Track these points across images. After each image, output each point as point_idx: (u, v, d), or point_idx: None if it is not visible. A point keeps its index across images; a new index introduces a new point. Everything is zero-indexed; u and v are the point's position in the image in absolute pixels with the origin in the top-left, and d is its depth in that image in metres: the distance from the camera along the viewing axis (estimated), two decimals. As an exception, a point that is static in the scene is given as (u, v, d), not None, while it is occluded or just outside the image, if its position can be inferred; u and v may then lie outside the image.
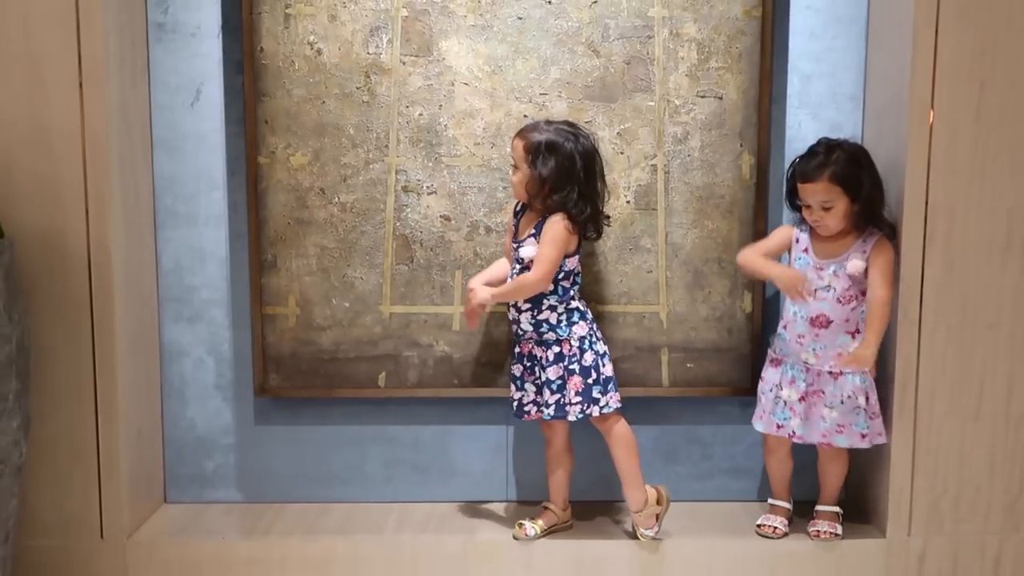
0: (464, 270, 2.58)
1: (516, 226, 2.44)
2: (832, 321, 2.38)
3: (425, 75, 2.53)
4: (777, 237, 2.50)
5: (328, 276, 2.58)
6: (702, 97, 2.55)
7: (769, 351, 2.51)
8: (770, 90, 2.55)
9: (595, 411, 2.37)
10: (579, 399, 2.36)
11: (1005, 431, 2.44)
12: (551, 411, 2.38)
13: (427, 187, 2.56)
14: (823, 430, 2.41)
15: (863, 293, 2.39)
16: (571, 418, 2.38)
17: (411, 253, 2.58)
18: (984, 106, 2.34)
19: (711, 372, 2.63)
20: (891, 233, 2.38)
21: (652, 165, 2.56)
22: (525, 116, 2.53)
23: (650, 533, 2.44)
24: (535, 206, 2.36)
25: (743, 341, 2.61)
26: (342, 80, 2.53)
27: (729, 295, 2.60)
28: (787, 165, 2.59)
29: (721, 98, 2.55)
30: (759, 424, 2.49)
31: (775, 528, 2.49)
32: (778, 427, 2.45)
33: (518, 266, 2.40)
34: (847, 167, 2.32)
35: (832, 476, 2.51)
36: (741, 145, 2.56)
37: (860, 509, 2.62)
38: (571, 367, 2.37)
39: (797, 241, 2.46)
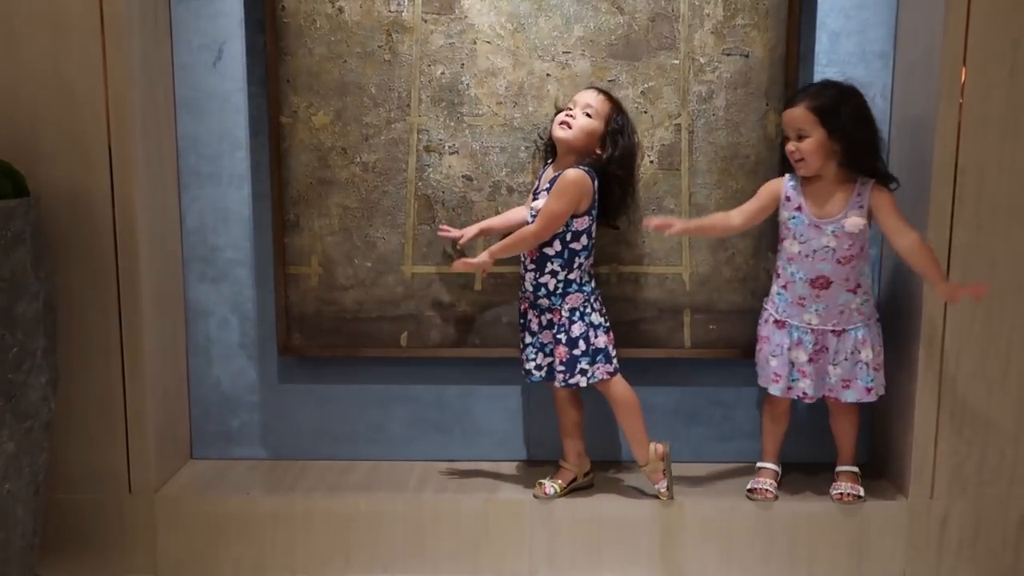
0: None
1: (540, 177, 2.44)
2: (832, 282, 2.36)
3: (447, 33, 2.51)
4: (764, 193, 2.43)
5: (350, 236, 2.59)
6: (728, 55, 2.51)
7: (770, 312, 2.46)
8: (797, 48, 2.50)
9: (582, 381, 2.39)
10: (563, 367, 2.38)
11: (1032, 395, 2.42)
12: (542, 374, 2.42)
13: (449, 147, 2.55)
14: (828, 386, 2.41)
15: (861, 249, 2.35)
16: (557, 384, 2.40)
17: (433, 213, 2.58)
18: (1018, 63, 2.29)
19: (733, 334, 2.61)
20: (888, 181, 2.33)
21: (676, 124, 2.53)
22: (548, 75, 2.50)
23: (661, 487, 2.44)
24: (564, 158, 2.36)
25: (766, 303, 2.59)
26: (364, 38, 2.51)
27: (752, 256, 2.57)
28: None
29: (747, 56, 2.51)
30: (775, 388, 2.45)
31: (766, 491, 2.48)
32: (789, 389, 2.44)
33: (531, 218, 2.39)
34: (828, 100, 2.29)
35: (846, 435, 2.51)
36: (767, 104, 2.52)
37: (883, 471, 2.62)
38: (559, 336, 2.38)
39: (788, 199, 2.39)
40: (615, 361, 2.43)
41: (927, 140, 2.34)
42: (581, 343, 2.37)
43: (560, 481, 2.51)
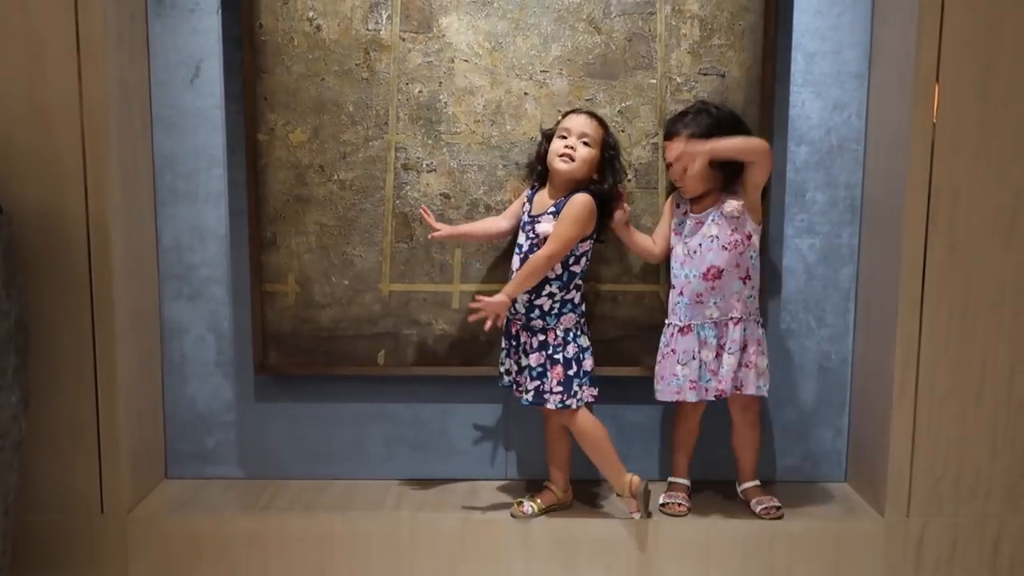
0: (464, 248, 2.57)
1: (531, 200, 2.43)
2: (723, 270, 2.39)
3: (425, 52, 2.51)
4: (666, 210, 2.53)
5: (327, 254, 2.58)
6: (704, 75, 2.53)
7: (673, 324, 2.45)
8: (773, 68, 2.52)
9: (572, 403, 2.39)
10: (560, 389, 2.38)
11: (1007, 413, 2.42)
12: (530, 397, 2.40)
13: (427, 165, 2.55)
14: (721, 377, 2.41)
15: (748, 237, 2.39)
16: (550, 406, 2.39)
17: (410, 231, 2.57)
18: (990, 84, 2.31)
19: (711, 352, 2.61)
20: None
21: (653, 143, 2.54)
22: (525, 94, 2.51)
23: (636, 516, 2.44)
24: (564, 185, 2.36)
25: (744, 321, 2.59)
26: (341, 57, 2.51)
27: (730, 275, 2.58)
28: (791, 145, 2.58)
29: (724, 76, 2.52)
30: (691, 395, 2.43)
31: (679, 505, 2.49)
32: (706, 391, 2.44)
33: (527, 243, 2.39)
34: (704, 129, 2.35)
35: (747, 448, 2.54)
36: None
37: (859, 489, 2.62)
38: (555, 356, 2.38)
39: (678, 205, 2.49)
40: (595, 389, 2.44)
41: (901, 159, 2.36)
42: (575, 364, 2.38)
43: (540, 501, 2.49)
